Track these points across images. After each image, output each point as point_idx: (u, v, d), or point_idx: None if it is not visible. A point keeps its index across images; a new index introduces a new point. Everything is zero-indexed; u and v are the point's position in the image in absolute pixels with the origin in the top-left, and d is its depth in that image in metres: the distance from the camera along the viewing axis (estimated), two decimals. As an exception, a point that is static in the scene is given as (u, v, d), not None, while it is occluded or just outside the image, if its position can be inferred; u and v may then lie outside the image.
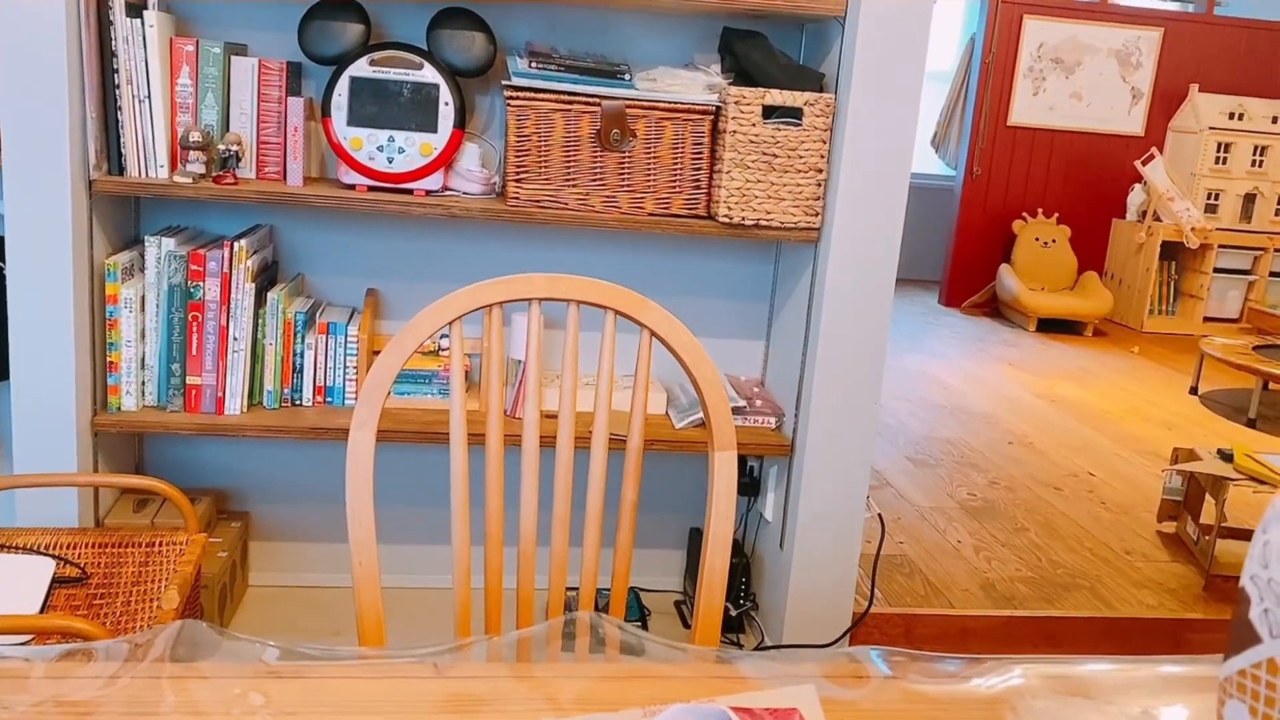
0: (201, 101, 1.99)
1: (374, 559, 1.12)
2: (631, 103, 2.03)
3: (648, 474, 2.43)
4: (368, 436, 1.12)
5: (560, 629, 0.99)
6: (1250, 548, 0.61)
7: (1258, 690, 0.59)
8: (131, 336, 1.99)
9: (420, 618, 2.32)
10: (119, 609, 1.62)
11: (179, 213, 2.18)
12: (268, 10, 2.12)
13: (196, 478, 2.33)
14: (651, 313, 1.22)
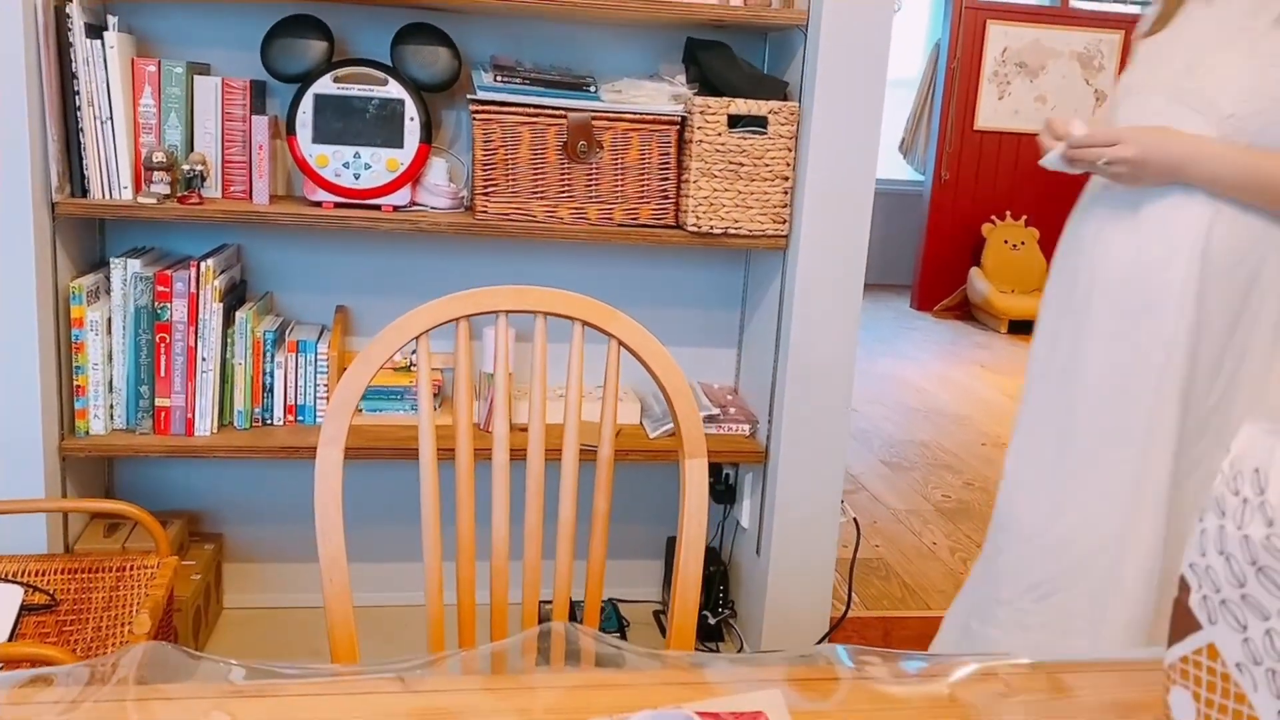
0: (165, 122, 1.98)
1: (345, 576, 1.11)
2: (597, 114, 2.03)
3: (624, 485, 2.43)
4: (335, 453, 1.11)
5: (534, 641, 0.99)
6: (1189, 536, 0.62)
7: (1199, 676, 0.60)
8: (98, 359, 1.97)
9: (395, 635, 2.30)
10: (90, 635, 1.60)
11: (144, 234, 2.16)
12: (231, 29, 2.11)
13: (168, 500, 2.31)
14: (619, 323, 1.22)
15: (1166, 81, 1.40)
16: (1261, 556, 0.57)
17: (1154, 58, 1.46)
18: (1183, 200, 1.37)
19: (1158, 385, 1.37)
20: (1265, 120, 1.30)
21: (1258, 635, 0.58)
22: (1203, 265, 1.34)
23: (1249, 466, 0.58)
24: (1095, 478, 1.44)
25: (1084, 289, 1.47)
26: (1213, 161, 1.33)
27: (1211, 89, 1.34)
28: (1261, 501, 0.57)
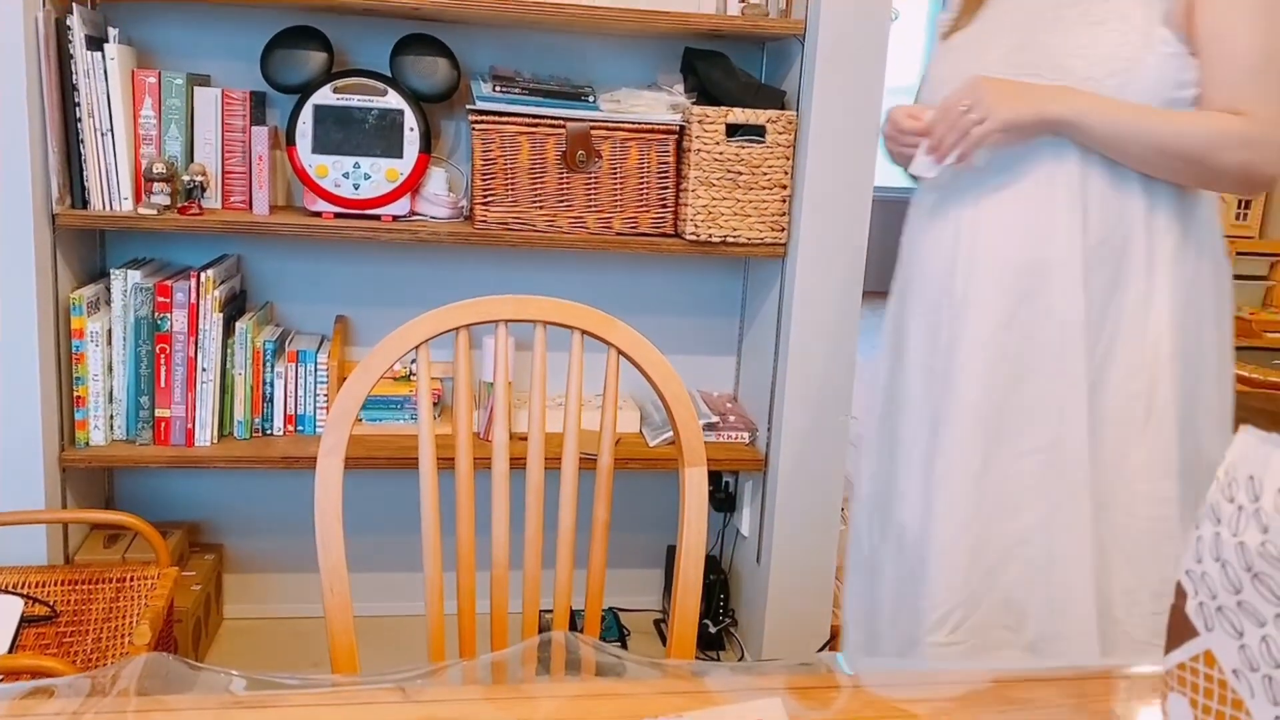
0: (165, 133, 1.99)
1: (345, 586, 1.11)
2: (596, 124, 2.04)
3: (624, 494, 2.43)
4: (336, 463, 1.11)
5: (535, 650, 0.99)
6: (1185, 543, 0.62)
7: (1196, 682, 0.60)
8: (98, 370, 1.98)
9: (396, 645, 2.30)
10: (90, 646, 1.60)
11: (145, 245, 2.17)
12: (231, 40, 2.12)
13: (168, 511, 2.31)
14: (619, 332, 1.23)
15: (997, 60, 1.33)
16: (1257, 563, 0.57)
17: (971, 46, 1.40)
18: (1054, 170, 1.28)
19: (1059, 369, 1.28)
20: (1121, 81, 1.23)
21: (1254, 642, 0.59)
22: (1084, 237, 1.27)
23: (1244, 474, 0.58)
24: (1008, 475, 1.32)
25: (961, 280, 1.34)
26: (1082, 100, 1.24)
27: (1059, 54, 1.27)
28: (1256, 509, 0.57)
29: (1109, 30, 1.24)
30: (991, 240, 1.32)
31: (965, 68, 1.35)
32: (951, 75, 1.36)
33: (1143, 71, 1.22)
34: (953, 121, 1.27)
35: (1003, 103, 1.24)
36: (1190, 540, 0.61)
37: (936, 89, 1.38)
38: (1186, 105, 1.24)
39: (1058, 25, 1.29)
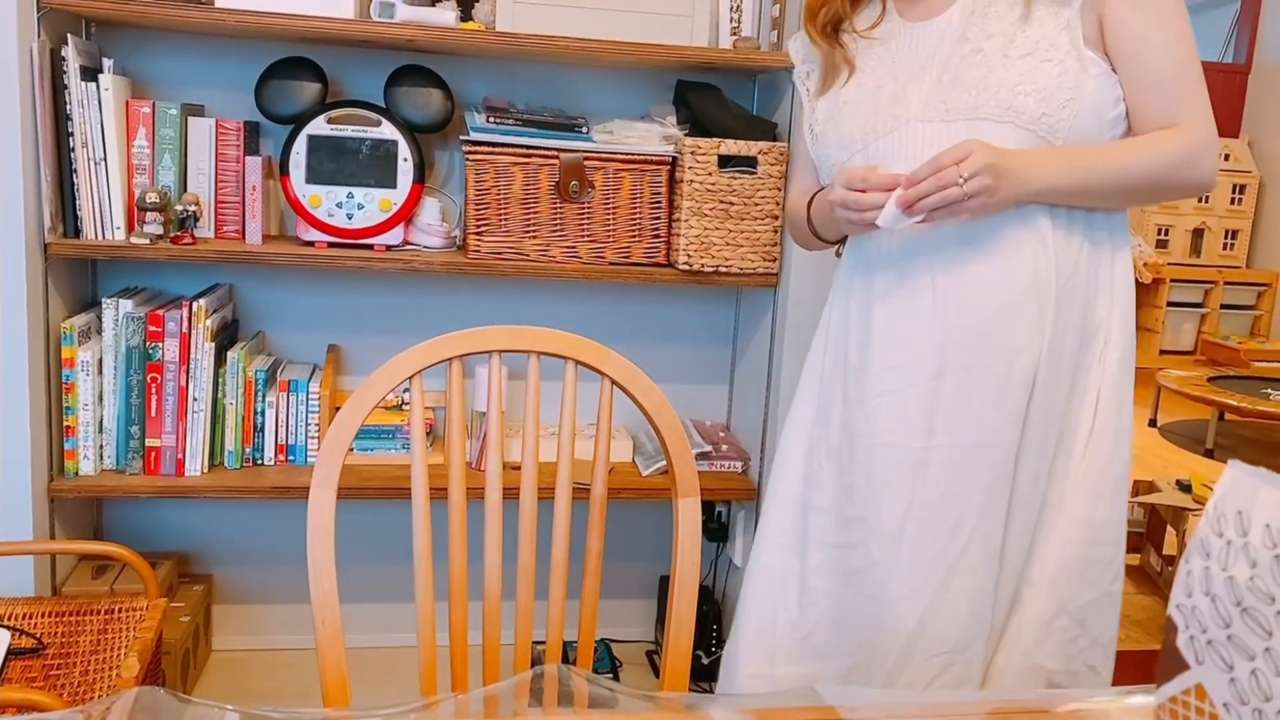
0: (159, 162, 1.99)
1: (337, 618, 1.11)
2: (589, 155, 2.05)
3: (617, 523, 2.43)
4: (328, 494, 1.11)
5: (527, 684, 0.99)
6: (1175, 577, 0.62)
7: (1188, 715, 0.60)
8: (89, 400, 1.97)
9: (388, 677, 2.29)
10: (77, 679, 1.58)
11: (137, 274, 2.17)
12: (225, 71, 2.13)
13: (157, 541, 2.30)
14: (612, 362, 1.23)
15: (923, 106, 1.25)
16: (1246, 598, 0.58)
17: (876, 96, 1.30)
18: (1020, 230, 1.23)
19: (1007, 423, 1.24)
20: (1071, 113, 1.19)
21: (1244, 675, 0.59)
22: (1057, 295, 1.23)
23: (1232, 509, 0.59)
24: (953, 537, 1.27)
25: (933, 348, 1.26)
26: (1062, 163, 1.20)
27: (1003, 93, 1.20)
28: (1245, 543, 0.58)
29: (1043, 61, 1.21)
30: (964, 303, 1.25)
31: (882, 119, 1.28)
32: (867, 128, 1.29)
33: (1086, 98, 1.20)
34: (944, 184, 1.15)
35: (1012, 184, 1.17)
36: (1180, 574, 0.62)
37: (845, 145, 1.31)
38: (1120, 122, 1.24)
39: (980, 61, 1.23)
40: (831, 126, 1.35)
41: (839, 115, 1.34)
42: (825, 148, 1.36)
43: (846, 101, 1.33)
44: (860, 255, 1.37)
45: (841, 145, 1.32)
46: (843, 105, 1.33)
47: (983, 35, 1.24)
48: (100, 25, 2.06)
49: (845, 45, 1.36)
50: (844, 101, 1.34)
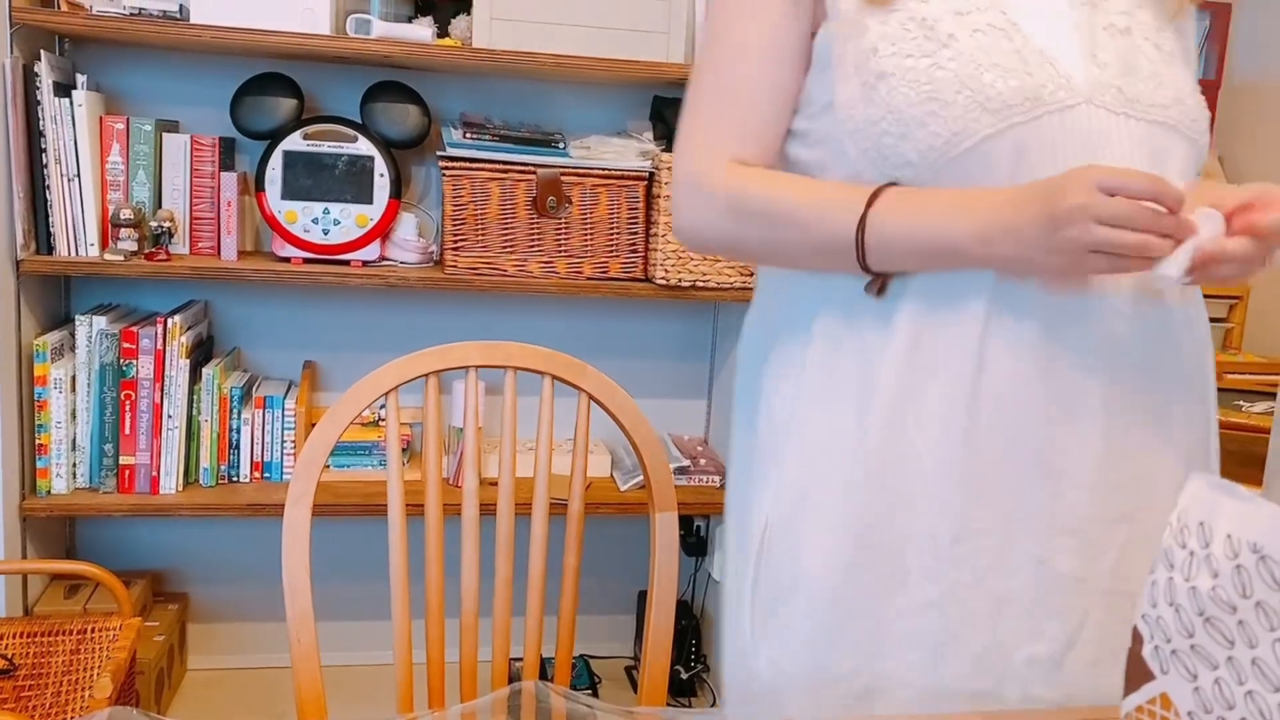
0: (133, 179, 1.98)
1: (312, 636, 1.10)
2: (566, 170, 2.06)
3: (595, 539, 2.42)
4: (303, 513, 1.11)
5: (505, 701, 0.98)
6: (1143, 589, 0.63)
7: (1149, 727, 0.61)
8: (62, 418, 1.96)
9: (365, 695, 2.27)
10: (49, 700, 1.57)
11: (111, 291, 2.16)
12: (200, 87, 2.12)
13: (131, 560, 2.28)
14: (589, 377, 1.23)
15: (1093, 86, 0.89)
16: (1209, 608, 0.58)
17: (1006, 44, 0.88)
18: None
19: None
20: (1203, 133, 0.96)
21: (1207, 684, 0.60)
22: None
23: (1194, 520, 0.59)
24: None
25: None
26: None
27: (1192, 104, 0.93)
28: (1207, 554, 0.58)
29: (1186, 67, 0.97)
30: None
31: (1040, 83, 0.87)
32: (1023, 92, 0.86)
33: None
34: (1246, 258, 0.81)
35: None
36: (1146, 585, 0.62)
37: (968, 114, 0.86)
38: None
39: (1137, 47, 0.93)
40: (936, 72, 0.87)
41: (945, 55, 0.87)
42: (910, 108, 0.87)
43: (955, 36, 0.88)
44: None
45: (962, 113, 0.86)
46: (949, 40, 0.88)
47: (1118, 9, 0.94)
48: (74, 41, 2.06)
49: None
50: (949, 35, 0.88)
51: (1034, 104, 0.86)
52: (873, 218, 0.87)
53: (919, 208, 0.86)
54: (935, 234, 0.85)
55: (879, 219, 0.87)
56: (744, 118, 0.97)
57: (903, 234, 0.86)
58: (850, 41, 0.91)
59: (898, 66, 0.87)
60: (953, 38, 0.87)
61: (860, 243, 0.87)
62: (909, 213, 0.86)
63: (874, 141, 0.89)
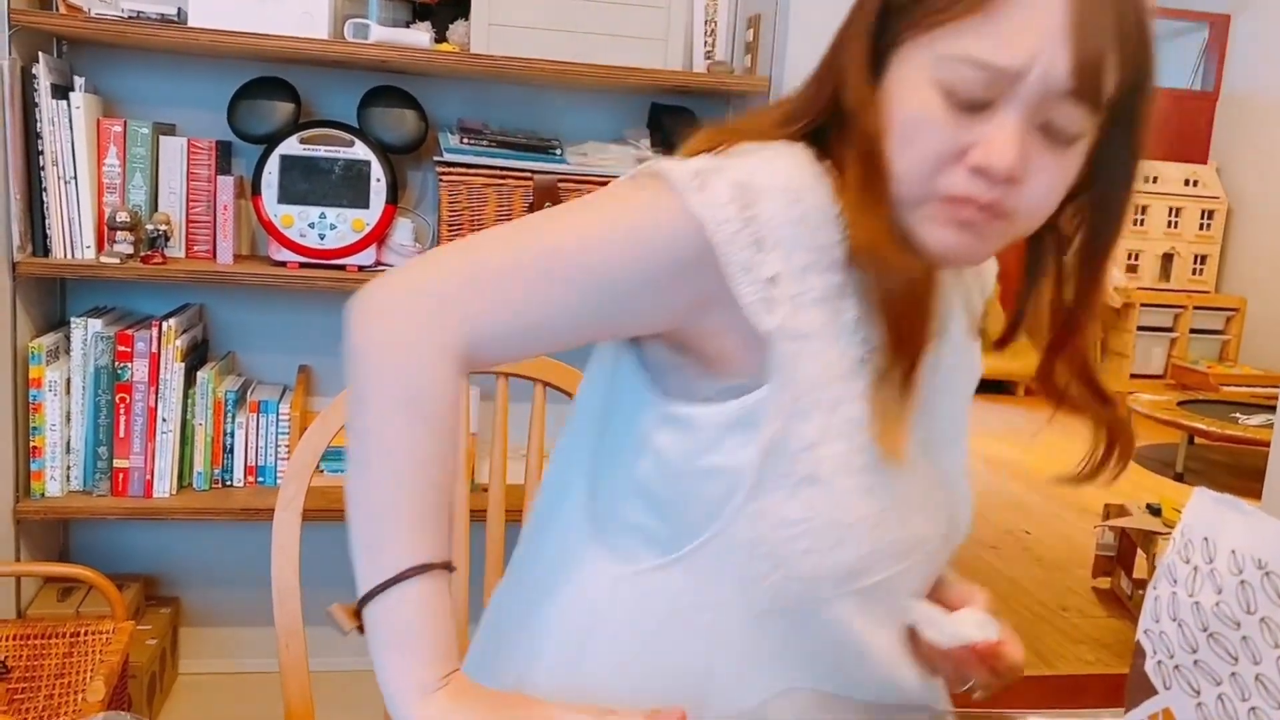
0: (129, 181, 1.98)
1: (301, 642, 1.09)
2: (563, 177, 2.06)
3: (588, 545, 2.41)
4: (293, 517, 1.10)
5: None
6: (1144, 603, 0.63)
7: (1153, 744, 0.60)
8: (56, 420, 1.95)
9: (354, 702, 2.26)
10: (41, 703, 1.56)
11: (106, 293, 2.15)
12: (198, 90, 2.12)
13: (125, 563, 2.27)
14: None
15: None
16: (1212, 623, 0.58)
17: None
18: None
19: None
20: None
21: (1210, 700, 0.59)
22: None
23: (1199, 535, 0.59)
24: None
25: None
26: None
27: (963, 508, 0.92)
28: (1211, 569, 0.58)
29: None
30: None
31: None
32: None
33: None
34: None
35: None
36: (1148, 600, 0.62)
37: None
38: None
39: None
40: (878, 494, 0.77)
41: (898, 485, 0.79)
42: (837, 528, 0.75)
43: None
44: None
45: (888, 549, 0.78)
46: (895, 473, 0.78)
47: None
48: (72, 44, 2.05)
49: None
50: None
51: (920, 546, 0.81)
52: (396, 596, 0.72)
53: (425, 626, 0.72)
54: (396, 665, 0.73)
55: (394, 604, 0.72)
56: (539, 319, 0.73)
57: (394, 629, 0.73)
58: (794, 422, 0.74)
59: (839, 470, 0.75)
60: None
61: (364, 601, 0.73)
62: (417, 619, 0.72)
63: (775, 545, 0.75)
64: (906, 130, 0.73)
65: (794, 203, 0.73)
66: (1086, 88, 0.69)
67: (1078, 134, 0.72)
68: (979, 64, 0.69)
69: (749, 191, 0.72)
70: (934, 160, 0.72)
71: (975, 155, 0.70)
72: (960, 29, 0.70)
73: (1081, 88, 0.69)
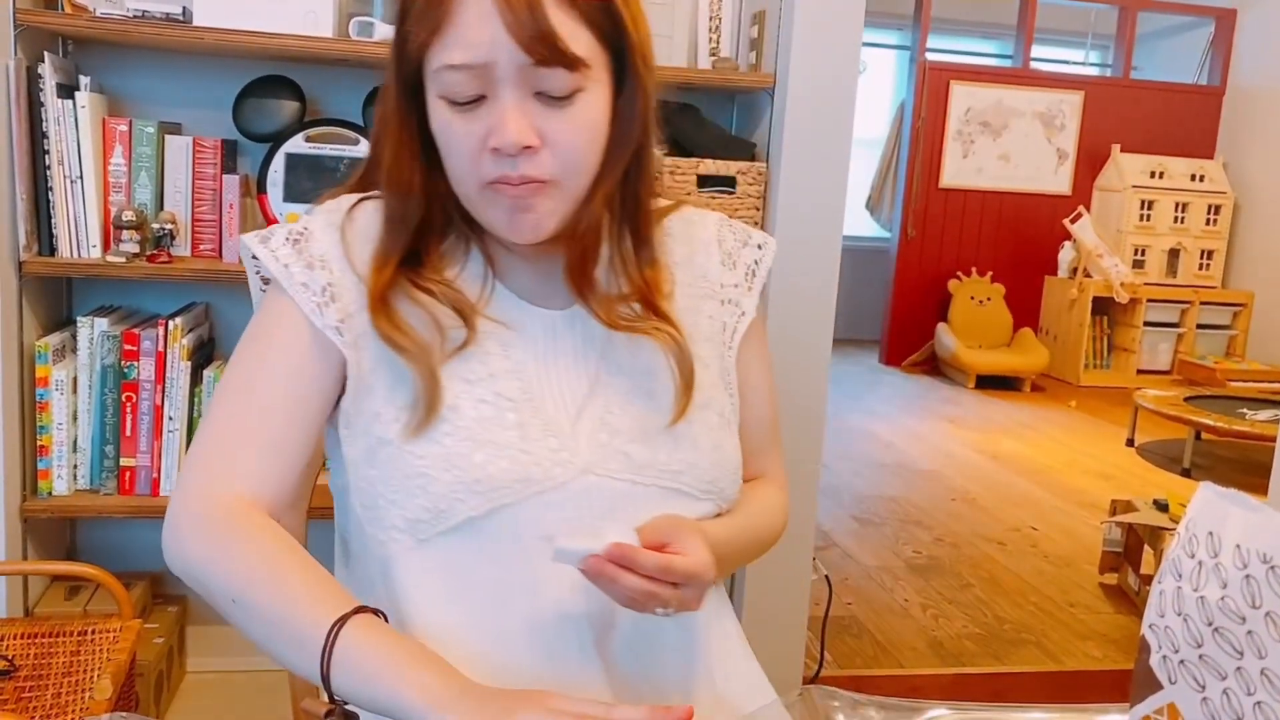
0: (135, 180, 1.98)
1: (311, 640, 1.09)
2: (567, 174, 2.05)
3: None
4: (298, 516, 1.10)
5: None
6: (1149, 598, 0.63)
7: (1157, 739, 0.60)
8: (63, 419, 1.95)
9: (365, 698, 2.27)
10: (49, 701, 1.56)
11: (113, 293, 2.15)
12: (202, 89, 2.12)
13: (132, 561, 2.27)
14: (588, 382, 1.23)
15: (602, 455, 0.90)
16: (1217, 618, 0.58)
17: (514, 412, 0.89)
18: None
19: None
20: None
21: (1215, 695, 0.59)
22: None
23: (1203, 530, 0.59)
24: None
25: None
26: (736, 545, 0.97)
27: (697, 463, 0.93)
28: (1216, 564, 0.58)
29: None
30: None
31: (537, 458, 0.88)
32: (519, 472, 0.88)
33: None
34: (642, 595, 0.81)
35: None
36: (1153, 595, 0.62)
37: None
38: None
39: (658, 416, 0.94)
40: (430, 446, 0.87)
41: (442, 429, 0.88)
42: (404, 479, 0.87)
43: (456, 408, 0.88)
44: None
45: (448, 492, 0.87)
46: (449, 414, 0.88)
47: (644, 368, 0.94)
48: (77, 43, 2.06)
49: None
50: (450, 407, 0.88)
51: (524, 484, 0.87)
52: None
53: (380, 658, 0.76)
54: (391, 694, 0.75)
55: (346, 659, 0.76)
56: (267, 434, 0.89)
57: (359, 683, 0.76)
58: (363, 399, 0.89)
59: (397, 434, 0.87)
60: (454, 410, 0.87)
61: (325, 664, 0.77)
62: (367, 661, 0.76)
63: (372, 500, 0.89)
64: (441, 142, 0.87)
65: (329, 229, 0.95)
66: (545, 55, 0.80)
67: (573, 90, 0.83)
68: (454, 68, 0.82)
69: (300, 234, 0.94)
70: (466, 157, 0.85)
71: (490, 140, 0.83)
72: (435, 49, 0.83)
73: (541, 57, 0.81)
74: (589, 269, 0.91)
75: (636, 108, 0.89)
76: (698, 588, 0.84)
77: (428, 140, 0.89)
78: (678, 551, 0.83)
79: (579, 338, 0.94)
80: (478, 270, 0.94)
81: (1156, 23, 7.23)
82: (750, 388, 1.03)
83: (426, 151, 0.90)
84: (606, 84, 0.87)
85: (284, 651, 0.81)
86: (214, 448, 0.89)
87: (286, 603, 0.81)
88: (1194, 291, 6.65)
